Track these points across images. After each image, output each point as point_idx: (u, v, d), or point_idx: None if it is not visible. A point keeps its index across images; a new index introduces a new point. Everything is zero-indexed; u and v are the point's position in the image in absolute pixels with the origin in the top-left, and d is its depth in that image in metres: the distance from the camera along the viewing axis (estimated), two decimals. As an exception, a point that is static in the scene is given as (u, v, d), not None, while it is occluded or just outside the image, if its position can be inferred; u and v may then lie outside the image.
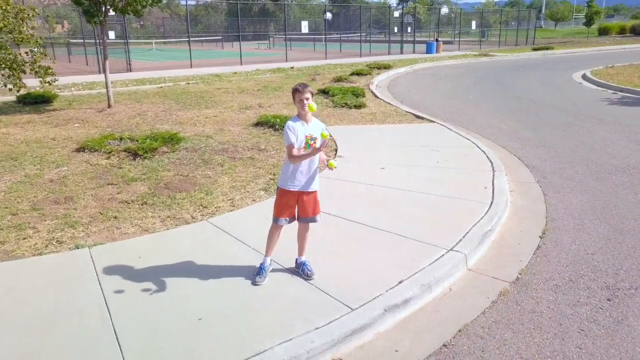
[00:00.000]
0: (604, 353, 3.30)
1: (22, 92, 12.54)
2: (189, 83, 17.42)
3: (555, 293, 4.05)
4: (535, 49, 35.84)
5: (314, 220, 4.00)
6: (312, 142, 3.72)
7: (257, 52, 38.22)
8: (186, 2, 27.36)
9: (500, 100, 14.10)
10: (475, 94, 15.25)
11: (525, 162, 7.75)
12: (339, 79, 17.41)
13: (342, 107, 12.13)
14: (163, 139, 8.16)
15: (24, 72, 6.82)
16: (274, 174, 6.83)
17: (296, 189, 3.84)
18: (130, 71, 21.29)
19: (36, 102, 12.91)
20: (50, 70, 7.08)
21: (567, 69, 22.29)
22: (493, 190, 6.07)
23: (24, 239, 4.83)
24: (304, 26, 29.09)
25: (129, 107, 12.26)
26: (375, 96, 14.21)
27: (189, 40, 25.07)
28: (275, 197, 4.04)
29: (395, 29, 34.74)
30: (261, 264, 4.05)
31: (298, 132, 3.72)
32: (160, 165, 7.24)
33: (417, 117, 11.09)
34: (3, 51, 6.56)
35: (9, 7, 6.38)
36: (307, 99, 3.69)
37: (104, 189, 6.25)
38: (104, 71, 12.07)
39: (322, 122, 3.92)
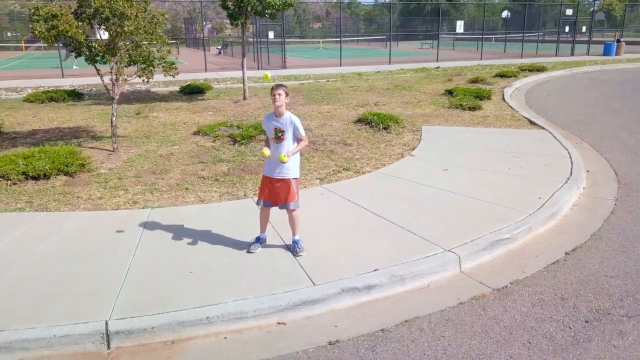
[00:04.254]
0: (533, 366, 3.21)
1: (184, 84, 14.85)
2: (328, 80, 18.54)
3: (532, 306, 3.90)
4: None
5: (286, 208, 4.49)
6: (281, 134, 4.25)
7: (418, 51, 38.28)
8: (340, 4, 28.70)
9: (652, 109, 12.35)
10: (626, 102, 13.54)
11: (620, 178, 6.98)
12: (475, 80, 16.87)
13: (456, 108, 11.93)
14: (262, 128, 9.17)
15: (154, 66, 8.31)
16: (340, 167, 7.33)
17: (266, 175, 4.43)
18: (285, 68, 23.30)
19: (192, 92, 15.26)
20: (173, 65, 8.49)
21: None
22: (546, 202, 5.74)
23: (114, 197, 6.16)
24: (459, 26, 28.32)
25: (260, 100, 13.74)
26: (503, 99, 13.56)
27: (340, 39, 26.38)
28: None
29: (567, 29, 31.58)
30: (257, 237, 4.69)
31: (267, 126, 4.29)
32: (250, 151, 8.25)
33: (531, 122, 10.45)
34: (139, 49, 8.12)
35: (144, 14, 7.91)
36: (279, 95, 4.20)
37: (194, 166, 7.44)
38: (242, 67, 13.71)
39: (294, 117, 4.39)
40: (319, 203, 5.83)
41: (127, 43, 8.02)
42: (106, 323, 3.53)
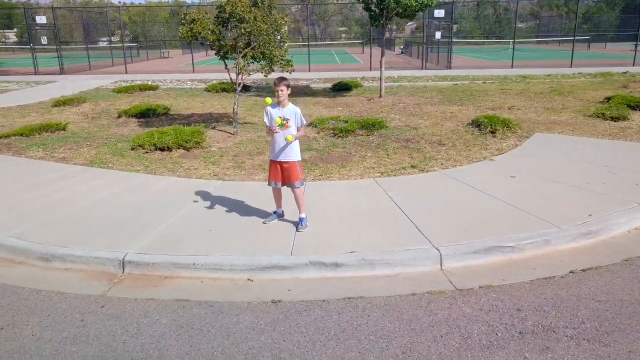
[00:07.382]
0: None
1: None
2: (485, 82, 17.91)
3: (479, 310, 3.89)
4: None
5: (292, 186, 5.10)
6: (285, 122, 4.86)
7: (626, 53, 33.49)
8: (517, 2, 26.76)
9: None
10: None
11: None
12: (656, 88, 14.58)
13: (597, 117, 10.73)
14: (366, 124, 9.73)
15: (273, 63, 9.52)
16: (410, 164, 7.55)
17: (273, 159, 5.06)
18: (449, 68, 22.98)
19: (340, 89, 16.40)
20: (290, 62, 9.58)
21: None
22: (592, 220, 5.24)
23: (205, 169, 7.49)
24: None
25: (394, 98, 14.16)
26: (671, 111, 11.61)
27: (513, 40, 24.80)
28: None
29: None
30: (274, 211, 5.42)
31: (272, 115, 4.91)
32: (342, 143, 8.91)
33: (680, 138, 8.95)
34: (262, 47, 9.41)
35: (266, 19, 9.16)
36: (281, 90, 4.81)
37: (284, 151, 8.42)
38: (380, 66, 14.28)
39: (296, 107, 4.93)
40: (356, 192, 6.28)
41: (253, 42, 9.34)
42: (125, 254, 4.69)
